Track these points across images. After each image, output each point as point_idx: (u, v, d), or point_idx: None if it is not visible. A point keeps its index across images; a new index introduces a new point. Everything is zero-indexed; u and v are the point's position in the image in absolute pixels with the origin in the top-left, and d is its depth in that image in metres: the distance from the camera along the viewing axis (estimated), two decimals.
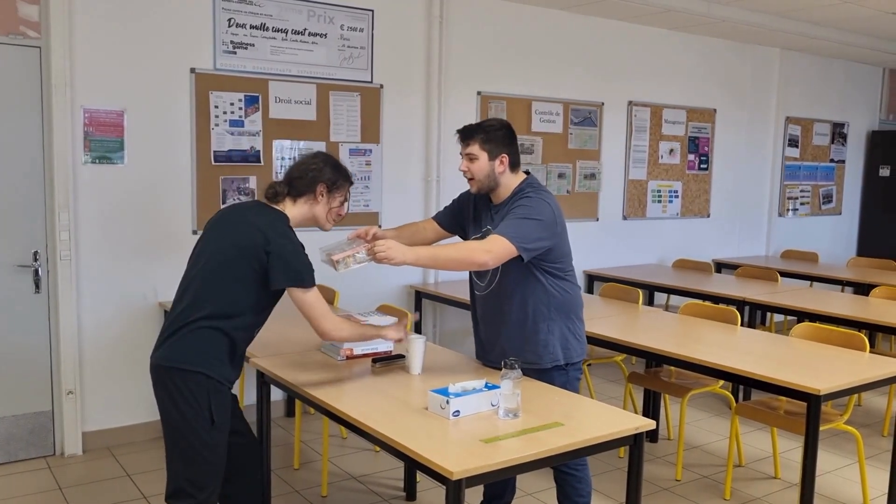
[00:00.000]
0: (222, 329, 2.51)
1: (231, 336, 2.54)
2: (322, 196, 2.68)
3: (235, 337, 2.56)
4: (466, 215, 3.09)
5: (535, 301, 2.85)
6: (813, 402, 2.98)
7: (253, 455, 2.81)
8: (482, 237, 2.90)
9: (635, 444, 2.42)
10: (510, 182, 2.88)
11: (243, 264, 2.52)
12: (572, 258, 2.95)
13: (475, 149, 2.84)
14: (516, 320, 2.89)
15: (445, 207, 3.23)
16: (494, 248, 2.68)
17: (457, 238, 3.12)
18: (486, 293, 2.97)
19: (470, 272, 3.02)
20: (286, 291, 2.57)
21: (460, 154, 2.92)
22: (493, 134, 2.84)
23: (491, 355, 2.99)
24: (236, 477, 2.73)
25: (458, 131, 2.92)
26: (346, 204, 2.77)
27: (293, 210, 2.67)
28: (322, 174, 2.66)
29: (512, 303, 2.88)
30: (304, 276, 2.54)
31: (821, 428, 3.06)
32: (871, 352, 3.56)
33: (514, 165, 2.88)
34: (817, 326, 3.87)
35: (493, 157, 2.83)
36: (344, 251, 2.72)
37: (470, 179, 2.91)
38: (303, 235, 2.66)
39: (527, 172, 2.97)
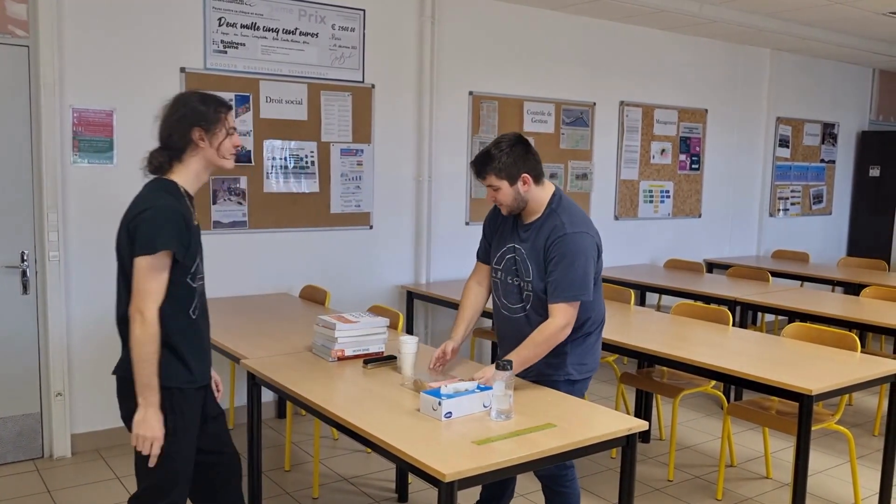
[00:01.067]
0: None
1: (163, 334, 2.29)
2: (203, 140, 2.35)
3: (168, 333, 2.31)
4: (493, 232, 3.00)
5: None
6: (805, 402, 2.98)
7: (234, 473, 2.64)
8: (508, 256, 2.85)
9: (628, 445, 2.42)
10: (539, 196, 2.80)
11: (126, 249, 2.30)
12: (601, 274, 2.88)
13: (492, 180, 2.75)
14: None
15: (481, 240, 3.08)
16: (567, 321, 2.70)
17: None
18: (514, 316, 2.89)
19: (495, 293, 2.97)
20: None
21: (483, 185, 2.82)
22: (504, 160, 2.72)
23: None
24: (218, 496, 2.62)
25: (472, 165, 2.83)
26: (234, 133, 2.42)
27: (185, 172, 2.38)
28: (192, 117, 2.33)
29: (539, 323, 2.77)
30: (153, 243, 2.24)
31: (812, 428, 3.07)
32: (862, 352, 3.57)
33: (537, 179, 2.78)
34: (809, 326, 3.88)
35: (514, 180, 2.74)
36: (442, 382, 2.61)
37: (500, 206, 2.83)
38: None
39: (553, 184, 2.88)
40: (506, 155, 2.72)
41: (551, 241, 2.73)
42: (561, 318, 2.69)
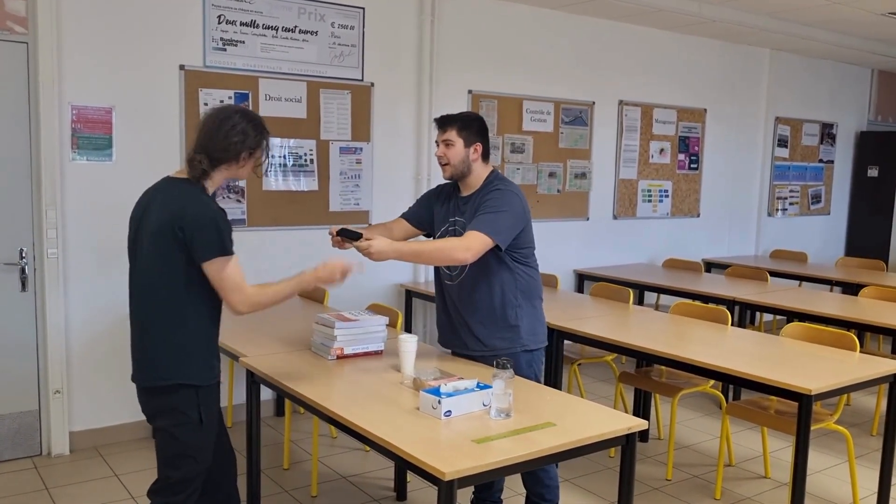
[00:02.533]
0: (177, 331, 2.42)
1: (190, 330, 2.43)
2: (245, 160, 2.49)
3: (199, 333, 2.46)
4: (434, 209, 3.20)
5: (504, 287, 3.00)
6: (804, 401, 2.98)
7: (229, 462, 2.72)
8: (449, 230, 3.05)
9: (627, 444, 2.42)
10: (480, 172, 3.04)
11: (163, 252, 2.38)
12: (535, 247, 3.09)
13: (452, 135, 2.98)
14: (487, 307, 3.01)
15: (413, 205, 3.33)
16: (473, 245, 2.83)
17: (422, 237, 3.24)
18: (456, 282, 3.07)
19: (437, 269, 3.17)
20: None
21: (436, 141, 3.06)
22: (470, 123, 3.01)
23: (459, 342, 3.11)
24: (218, 489, 2.67)
25: (436, 119, 3.08)
26: (268, 157, 2.60)
27: (213, 181, 2.47)
28: (247, 141, 2.44)
29: (482, 290, 3.00)
30: (225, 245, 2.38)
31: (811, 427, 3.07)
32: (860, 352, 3.57)
33: (485, 156, 3.05)
34: (808, 326, 3.88)
35: (469, 144, 2.99)
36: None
37: (444, 165, 3.04)
38: None
39: (493, 167, 3.12)
40: (471, 121, 3.03)
41: (484, 196, 2.96)
42: (470, 240, 2.83)
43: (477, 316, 3.03)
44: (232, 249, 2.40)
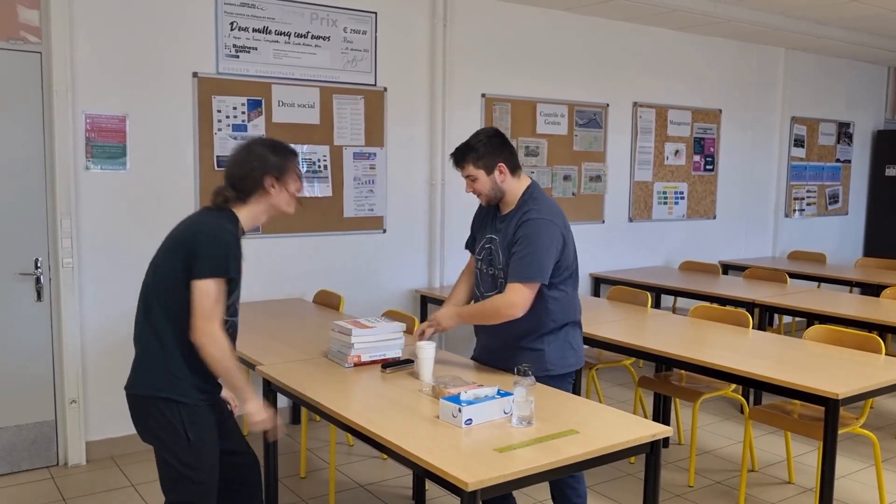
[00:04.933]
0: (172, 343, 2.38)
1: (181, 348, 2.38)
2: (274, 187, 2.47)
3: (190, 352, 2.38)
4: (475, 226, 3.13)
5: (537, 313, 2.82)
6: (831, 406, 2.92)
7: (251, 473, 2.68)
8: (486, 247, 2.95)
9: (652, 451, 2.37)
10: (515, 188, 2.89)
11: (172, 266, 2.37)
12: (577, 262, 2.94)
13: (471, 170, 2.87)
14: (516, 333, 2.87)
15: (470, 235, 3.21)
16: (517, 301, 2.75)
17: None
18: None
19: (475, 285, 3.07)
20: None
21: (462, 175, 2.94)
22: (483, 149, 2.85)
23: (489, 360, 3.04)
24: (235, 497, 2.64)
25: (451, 156, 2.95)
26: (301, 181, 2.58)
27: (246, 212, 2.48)
28: (266, 165, 2.45)
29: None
30: (227, 266, 2.35)
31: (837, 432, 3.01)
32: (885, 354, 3.51)
33: (513, 170, 2.89)
34: (831, 329, 3.82)
35: (491, 170, 2.85)
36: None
37: (479, 196, 2.94)
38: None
39: (529, 177, 2.97)
40: (483, 145, 2.85)
41: (518, 226, 2.81)
42: (512, 295, 2.75)
43: (506, 341, 2.92)
44: (231, 275, 2.35)
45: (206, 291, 2.32)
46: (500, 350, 2.95)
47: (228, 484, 2.60)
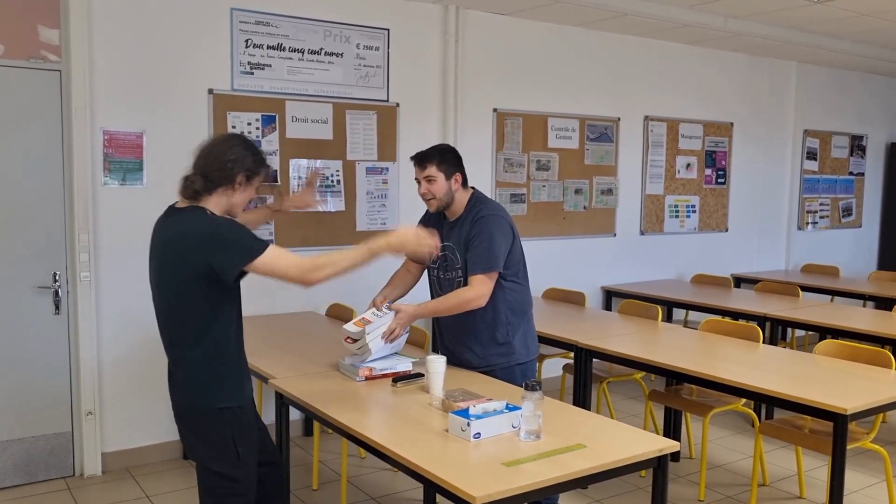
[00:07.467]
0: (209, 352, 2.42)
1: (219, 354, 2.44)
2: (240, 185, 2.45)
3: (227, 353, 2.45)
4: None
5: (497, 305, 3.12)
6: (840, 421, 2.93)
7: (281, 481, 2.78)
8: (440, 255, 3.17)
9: (659, 466, 2.39)
10: (462, 197, 3.20)
11: (187, 279, 2.36)
12: (525, 262, 3.23)
13: (433, 170, 3.13)
14: (482, 325, 3.15)
15: None
16: (482, 290, 3.04)
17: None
18: None
19: (431, 282, 3.34)
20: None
21: (416, 179, 3.20)
22: (446, 156, 3.16)
23: (456, 359, 3.21)
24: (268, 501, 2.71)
25: (414, 157, 3.20)
26: (258, 190, 2.61)
27: (209, 204, 2.44)
28: (244, 161, 2.44)
29: (474, 310, 3.10)
30: (252, 246, 2.34)
31: (847, 447, 3.01)
32: None
33: (464, 183, 3.22)
34: (842, 343, 3.81)
35: (449, 176, 3.15)
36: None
37: (430, 200, 3.19)
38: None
39: (472, 187, 3.26)
40: (447, 153, 3.19)
41: (472, 223, 3.11)
42: (477, 287, 3.04)
43: (472, 334, 3.17)
44: (260, 246, 2.34)
45: (271, 263, 2.35)
46: (468, 343, 3.18)
47: (263, 495, 2.66)
